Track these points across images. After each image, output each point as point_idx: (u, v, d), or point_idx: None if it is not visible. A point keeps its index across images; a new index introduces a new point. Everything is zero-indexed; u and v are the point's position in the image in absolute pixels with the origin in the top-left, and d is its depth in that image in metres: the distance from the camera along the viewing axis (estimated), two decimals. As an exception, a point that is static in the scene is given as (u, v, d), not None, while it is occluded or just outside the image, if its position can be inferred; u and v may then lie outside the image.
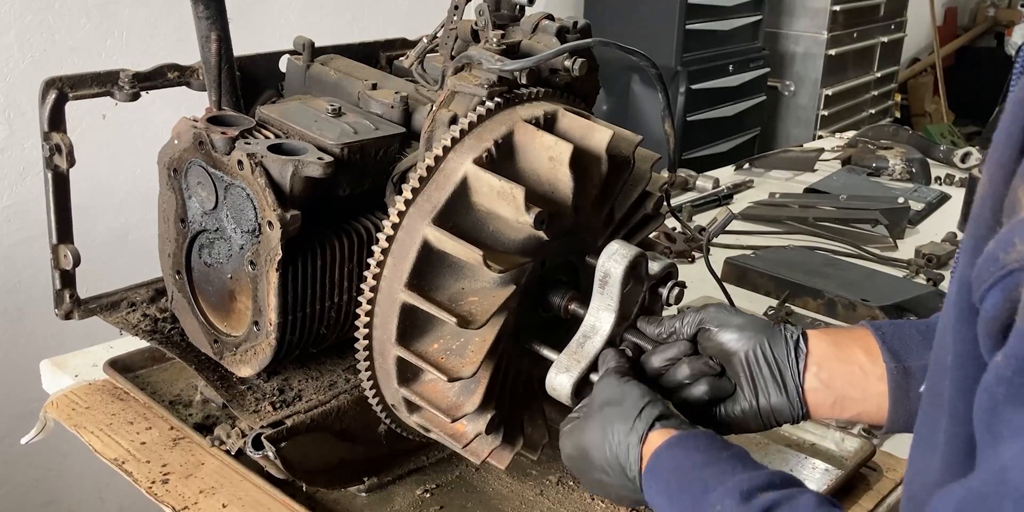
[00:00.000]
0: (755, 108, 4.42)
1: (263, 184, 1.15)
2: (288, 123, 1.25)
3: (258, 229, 1.18)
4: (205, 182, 1.23)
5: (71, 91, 1.32)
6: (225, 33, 1.34)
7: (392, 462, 1.38)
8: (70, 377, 1.58)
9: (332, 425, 1.31)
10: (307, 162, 1.16)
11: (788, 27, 4.75)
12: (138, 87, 1.37)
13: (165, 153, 1.29)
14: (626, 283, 1.06)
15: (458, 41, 1.30)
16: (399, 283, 1.08)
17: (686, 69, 3.89)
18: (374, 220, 1.29)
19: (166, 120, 1.32)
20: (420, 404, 1.14)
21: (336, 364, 1.40)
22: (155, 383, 1.54)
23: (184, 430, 1.41)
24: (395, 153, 1.28)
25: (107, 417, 1.46)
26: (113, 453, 1.38)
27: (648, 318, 1.10)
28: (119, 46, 2.49)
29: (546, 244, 1.08)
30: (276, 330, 1.22)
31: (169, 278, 1.36)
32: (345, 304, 1.29)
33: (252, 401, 1.32)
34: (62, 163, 1.34)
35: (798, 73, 4.79)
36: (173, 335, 1.44)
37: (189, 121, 1.25)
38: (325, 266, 1.24)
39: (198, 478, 1.32)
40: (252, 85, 1.46)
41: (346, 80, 1.40)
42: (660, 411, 0.95)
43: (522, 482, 1.37)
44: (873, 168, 2.98)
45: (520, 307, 1.11)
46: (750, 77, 4.31)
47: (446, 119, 1.16)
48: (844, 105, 5.00)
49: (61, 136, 1.33)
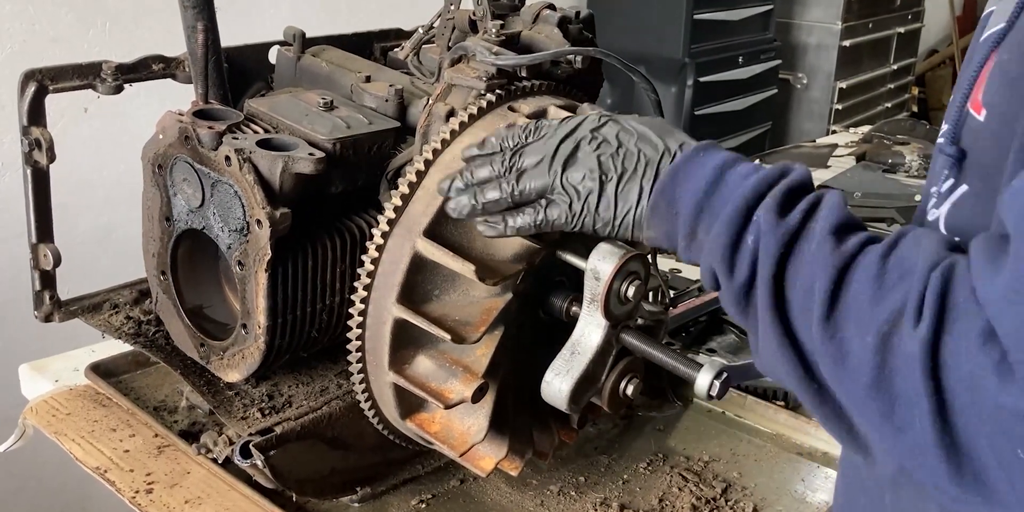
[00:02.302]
0: (766, 102, 4.42)
1: (251, 181, 1.15)
2: (278, 117, 1.26)
3: (246, 228, 1.18)
4: (191, 179, 1.23)
5: (51, 84, 1.32)
6: (212, 23, 1.34)
7: (386, 471, 1.38)
8: (50, 382, 1.58)
9: (323, 432, 1.31)
10: (297, 158, 1.16)
11: (801, 17, 4.74)
12: (121, 79, 1.37)
13: (149, 148, 1.29)
14: (617, 282, 1.06)
15: (455, 32, 1.31)
16: (390, 297, 1.08)
17: (694, 61, 3.90)
18: (367, 219, 1.29)
19: (151, 114, 1.32)
20: (427, 438, 1.16)
21: (327, 369, 1.40)
22: (139, 388, 1.54)
23: (169, 437, 1.41)
24: (389, 148, 1.28)
25: (89, 424, 1.46)
26: (95, 461, 1.38)
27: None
28: (102, 37, 2.49)
29: (540, 250, 1.09)
30: (265, 333, 1.22)
31: (154, 279, 1.36)
32: (337, 306, 1.29)
33: (240, 407, 1.32)
34: (42, 159, 1.34)
35: (811, 65, 4.79)
36: (158, 338, 1.44)
37: (174, 115, 1.25)
38: (316, 267, 1.24)
39: (184, 488, 1.32)
40: (240, 77, 1.46)
41: (338, 72, 1.40)
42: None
43: (522, 492, 1.37)
44: (889, 164, 2.98)
45: (520, 313, 1.12)
46: (761, 69, 4.31)
47: (443, 113, 1.16)
48: (859, 98, 4.99)
49: (41, 131, 1.33)
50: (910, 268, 0.71)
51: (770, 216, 0.80)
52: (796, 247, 0.78)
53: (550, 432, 1.26)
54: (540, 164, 0.96)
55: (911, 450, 0.69)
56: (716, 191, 0.85)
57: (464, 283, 1.10)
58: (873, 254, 0.74)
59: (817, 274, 0.74)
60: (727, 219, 0.82)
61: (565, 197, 0.95)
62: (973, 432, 0.65)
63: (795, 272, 0.77)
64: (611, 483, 1.40)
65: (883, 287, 0.71)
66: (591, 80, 1.31)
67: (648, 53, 3.80)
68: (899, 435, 0.69)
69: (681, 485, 1.40)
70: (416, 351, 1.13)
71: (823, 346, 0.73)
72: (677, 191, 0.88)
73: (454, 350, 1.11)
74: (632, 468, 1.44)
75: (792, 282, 0.77)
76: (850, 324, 0.72)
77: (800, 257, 0.77)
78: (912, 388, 0.67)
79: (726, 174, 0.86)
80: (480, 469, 1.17)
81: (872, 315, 0.70)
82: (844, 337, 0.72)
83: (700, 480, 1.41)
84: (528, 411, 1.20)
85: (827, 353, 0.73)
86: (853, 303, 0.72)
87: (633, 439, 1.53)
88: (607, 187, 0.93)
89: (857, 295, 0.72)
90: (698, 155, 0.89)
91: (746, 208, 0.81)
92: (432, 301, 1.10)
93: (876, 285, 0.72)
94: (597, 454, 1.47)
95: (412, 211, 1.09)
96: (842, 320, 0.72)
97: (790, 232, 0.79)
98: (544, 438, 1.26)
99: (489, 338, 1.09)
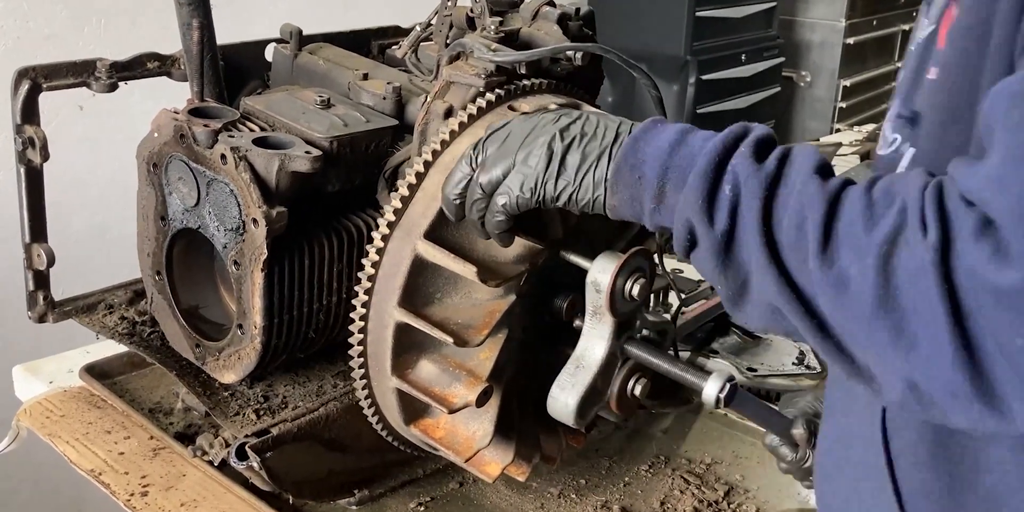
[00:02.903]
0: (769, 100, 4.42)
1: (247, 179, 1.15)
2: (274, 115, 1.25)
3: (242, 227, 1.18)
4: (186, 177, 1.23)
5: (45, 81, 1.32)
6: (208, 20, 1.34)
7: (384, 473, 1.38)
8: (44, 384, 1.58)
9: (320, 434, 1.31)
10: (294, 156, 1.16)
11: (804, 14, 4.74)
12: (116, 77, 1.37)
13: (144, 147, 1.29)
14: (620, 291, 1.05)
15: (453, 29, 1.31)
16: (391, 301, 1.08)
17: (696, 58, 3.89)
18: (365, 218, 1.29)
19: (145, 112, 1.32)
20: (431, 444, 1.16)
21: (324, 369, 1.40)
22: (134, 390, 1.54)
23: (164, 440, 1.41)
24: (387, 147, 1.28)
25: (83, 426, 1.46)
26: (90, 464, 1.38)
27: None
28: (96, 34, 2.48)
29: (542, 250, 1.09)
30: (261, 334, 1.22)
31: (148, 279, 1.36)
32: (335, 306, 1.29)
33: (236, 409, 1.32)
34: (35, 157, 1.34)
35: (815, 63, 4.79)
36: (153, 339, 1.44)
37: (170, 113, 1.25)
38: (313, 266, 1.24)
39: (179, 490, 1.32)
40: (236, 75, 1.46)
41: (336, 70, 1.40)
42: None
43: (522, 495, 1.37)
44: (893, 163, 2.98)
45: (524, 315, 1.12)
46: (764, 67, 4.30)
47: (441, 111, 1.16)
48: (863, 96, 4.99)
49: (35, 129, 1.33)
50: (900, 193, 0.73)
51: (747, 163, 0.81)
52: (778, 190, 0.80)
53: (557, 436, 1.26)
54: (501, 147, 0.99)
55: (925, 363, 0.69)
56: (679, 151, 0.87)
57: (466, 285, 1.09)
58: (857, 190, 0.76)
59: (807, 210, 0.76)
60: (700, 172, 0.83)
61: (525, 167, 0.96)
62: (985, 332, 0.66)
63: (782, 212, 0.78)
64: (612, 486, 1.40)
65: (874, 216, 0.73)
66: (591, 78, 1.30)
67: (649, 50, 3.80)
68: (911, 351, 0.70)
69: (683, 488, 1.40)
70: (419, 355, 1.12)
71: (822, 278, 0.74)
72: (639, 155, 0.89)
73: (457, 354, 1.11)
74: (633, 471, 1.44)
75: (780, 222, 0.78)
76: (847, 252, 0.73)
77: (785, 198, 0.79)
78: (923, 299, 0.68)
79: (687, 137, 0.88)
80: (486, 475, 1.16)
81: (869, 240, 0.72)
82: (842, 265, 0.73)
83: (702, 483, 1.41)
84: (534, 415, 1.20)
85: (827, 283, 0.74)
86: (847, 232, 0.74)
87: (634, 441, 1.53)
88: (569, 150, 0.94)
89: (850, 225, 0.74)
90: (655, 125, 0.91)
91: (718, 160, 0.83)
92: (434, 304, 1.10)
93: (867, 215, 0.73)
94: (598, 456, 1.47)
95: (412, 213, 1.09)
96: (838, 250, 0.74)
97: (770, 177, 0.80)
98: (551, 442, 1.25)
99: (493, 341, 1.09)
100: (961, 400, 0.69)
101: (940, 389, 0.70)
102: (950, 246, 0.68)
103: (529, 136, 0.97)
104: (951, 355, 0.67)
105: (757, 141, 0.84)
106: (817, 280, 0.74)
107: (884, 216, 0.72)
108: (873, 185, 0.76)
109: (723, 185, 0.82)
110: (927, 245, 0.68)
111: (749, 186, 0.80)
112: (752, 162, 0.81)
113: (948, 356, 0.68)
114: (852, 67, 4.84)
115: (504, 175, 0.97)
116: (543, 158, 0.95)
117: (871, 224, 0.73)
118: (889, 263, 0.70)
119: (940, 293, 0.67)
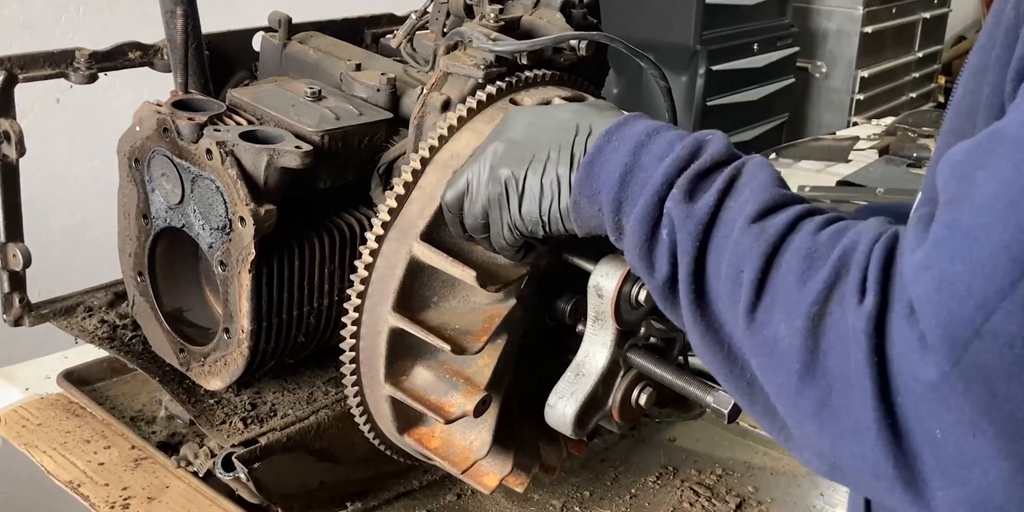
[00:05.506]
0: (782, 92, 4.42)
1: (234, 176, 1.15)
2: (262, 108, 1.26)
3: (229, 226, 1.18)
4: (170, 173, 1.23)
5: (21, 72, 1.32)
6: (192, 7, 1.34)
7: (378, 485, 1.38)
8: (20, 390, 1.58)
9: (311, 443, 1.31)
10: (283, 151, 1.16)
11: (819, 2, 4.74)
12: (96, 68, 1.37)
13: (126, 141, 1.29)
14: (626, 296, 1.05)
15: (450, 17, 1.31)
16: (385, 305, 1.08)
17: (706, 48, 3.89)
18: (358, 216, 1.29)
19: (127, 104, 1.32)
20: (426, 454, 1.17)
21: (315, 375, 1.40)
22: (115, 397, 1.54)
23: (147, 449, 1.41)
24: (381, 141, 1.28)
25: (61, 435, 1.46)
26: (68, 475, 1.38)
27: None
28: (75, 22, 2.49)
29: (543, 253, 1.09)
30: (249, 338, 1.22)
31: (130, 280, 1.36)
32: (326, 309, 1.29)
33: (222, 417, 1.32)
34: (11, 152, 1.34)
35: (831, 53, 4.79)
36: (134, 343, 1.44)
37: (152, 106, 1.25)
38: (303, 267, 1.24)
39: (162, 503, 1.32)
40: (222, 66, 1.46)
41: (327, 60, 1.40)
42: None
43: (523, 507, 1.37)
44: (914, 158, 2.98)
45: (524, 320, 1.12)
46: (777, 57, 4.31)
47: (438, 103, 1.16)
48: (882, 88, 4.99)
49: (10, 122, 1.33)
50: (846, 242, 0.70)
51: (680, 208, 0.80)
52: (713, 235, 0.78)
53: (558, 445, 1.26)
54: (469, 189, 1.00)
55: (851, 435, 0.67)
56: (632, 180, 0.86)
57: (464, 289, 1.09)
58: (803, 234, 0.74)
59: (743, 262, 0.74)
60: (639, 215, 0.82)
61: (495, 210, 0.98)
62: (909, 413, 0.64)
63: (717, 262, 0.77)
64: (618, 498, 1.41)
65: (812, 267, 0.70)
66: (596, 68, 1.31)
67: (657, 40, 3.80)
68: (836, 421, 0.67)
69: (692, 500, 1.40)
70: (414, 362, 1.12)
71: (750, 338, 0.72)
72: (595, 184, 0.89)
73: (454, 361, 1.11)
74: (640, 482, 1.44)
75: (715, 273, 0.77)
76: (777, 310, 0.71)
77: (721, 244, 0.77)
78: (852, 368, 0.65)
79: (641, 156, 0.87)
80: (484, 486, 1.16)
81: (800, 296, 0.69)
82: (771, 326, 0.71)
83: (713, 494, 1.42)
84: (534, 423, 1.20)
85: (755, 344, 0.72)
86: (781, 286, 0.71)
87: (641, 451, 1.53)
88: (526, 182, 0.95)
89: (785, 277, 0.71)
90: (609, 142, 0.90)
91: (657, 200, 0.82)
92: (430, 309, 1.10)
93: (805, 266, 0.71)
94: (603, 467, 1.47)
95: (408, 213, 1.09)
96: (768, 307, 0.71)
97: (703, 222, 0.79)
98: (551, 451, 1.26)
99: (492, 348, 1.09)
100: (883, 482, 0.67)
101: (862, 468, 0.68)
102: (886, 318, 0.65)
103: (490, 173, 0.97)
104: (875, 434, 0.65)
105: (696, 174, 0.82)
106: (746, 340, 0.73)
107: (821, 268, 0.70)
108: (828, 225, 0.74)
109: (660, 230, 0.81)
110: (861, 312, 0.65)
111: (681, 235, 0.79)
112: (684, 206, 0.80)
113: (872, 434, 0.65)
114: (870, 57, 4.84)
115: (484, 216, 0.99)
116: (502, 203, 0.97)
117: (806, 277, 0.70)
118: (820, 325, 0.68)
119: (869, 365, 0.65)
